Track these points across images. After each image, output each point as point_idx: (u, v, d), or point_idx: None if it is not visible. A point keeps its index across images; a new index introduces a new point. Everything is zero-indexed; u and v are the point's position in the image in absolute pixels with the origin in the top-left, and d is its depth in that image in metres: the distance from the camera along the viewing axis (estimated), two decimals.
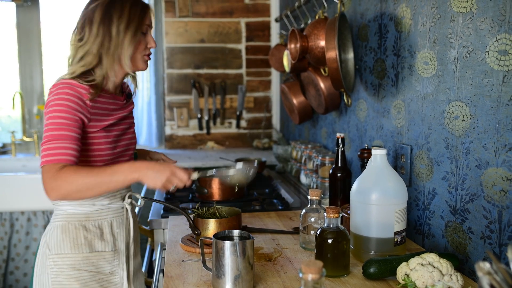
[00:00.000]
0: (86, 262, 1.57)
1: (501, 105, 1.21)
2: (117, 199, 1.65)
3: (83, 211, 1.59)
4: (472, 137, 1.33)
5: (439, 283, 1.17)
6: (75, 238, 1.56)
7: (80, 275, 1.56)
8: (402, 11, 1.71)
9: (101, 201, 1.60)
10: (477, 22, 1.29)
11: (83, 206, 1.59)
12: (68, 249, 1.56)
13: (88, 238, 1.58)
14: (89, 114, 1.50)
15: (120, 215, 1.66)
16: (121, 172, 1.42)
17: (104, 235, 1.61)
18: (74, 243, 1.56)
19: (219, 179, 2.13)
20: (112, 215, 1.64)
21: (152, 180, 1.42)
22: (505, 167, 1.21)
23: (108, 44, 1.51)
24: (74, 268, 1.55)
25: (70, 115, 1.45)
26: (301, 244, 1.56)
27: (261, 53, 3.85)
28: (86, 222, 1.59)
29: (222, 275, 1.21)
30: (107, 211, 1.62)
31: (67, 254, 1.56)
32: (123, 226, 1.66)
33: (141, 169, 1.42)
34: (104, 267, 1.60)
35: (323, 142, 2.66)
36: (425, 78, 1.56)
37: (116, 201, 1.65)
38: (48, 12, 3.72)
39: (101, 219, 1.61)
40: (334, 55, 1.83)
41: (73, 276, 1.55)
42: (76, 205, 1.58)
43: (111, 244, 1.62)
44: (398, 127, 1.77)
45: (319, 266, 0.89)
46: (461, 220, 1.39)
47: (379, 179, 1.42)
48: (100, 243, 1.60)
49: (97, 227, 1.60)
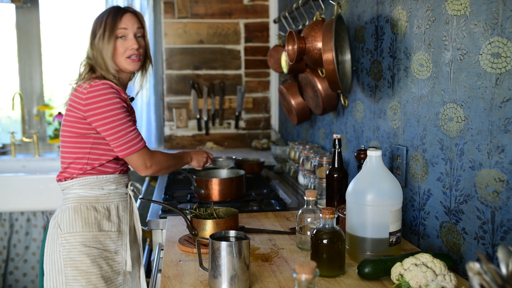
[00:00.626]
0: (95, 240, 1.76)
1: (494, 107, 1.22)
2: (122, 185, 1.87)
3: (93, 194, 1.80)
4: (466, 138, 1.34)
5: (432, 283, 1.18)
6: (86, 217, 1.76)
7: (90, 252, 1.74)
8: (398, 13, 1.72)
9: (109, 186, 1.82)
10: (471, 25, 1.30)
11: (94, 189, 1.80)
12: (80, 227, 1.74)
13: (98, 218, 1.77)
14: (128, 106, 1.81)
15: (125, 199, 1.88)
16: (184, 157, 2.00)
17: (111, 217, 1.81)
18: (86, 222, 1.75)
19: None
20: (118, 199, 1.85)
21: (197, 162, 2.05)
22: (497, 168, 1.22)
23: (96, 52, 1.79)
24: (84, 245, 1.73)
25: (125, 108, 1.75)
26: (297, 244, 1.58)
27: (260, 54, 3.86)
28: (96, 204, 1.79)
29: (218, 275, 1.22)
30: (114, 195, 1.84)
31: (78, 232, 1.74)
32: (127, 210, 1.87)
33: (192, 155, 2.04)
34: (110, 245, 1.79)
35: (321, 142, 2.68)
36: (420, 80, 1.58)
37: (121, 187, 1.87)
38: (48, 13, 3.74)
39: (109, 202, 1.82)
40: (330, 57, 1.84)
41: (84, 252, 1.73)
42: (88, 189, 1.79)
43: (116, 225, 1.82)
44: (394, 128, 1.78)
45: (313, 267, 0.90)
46: (456, 221, 1.40)
47: (374, 180, 1.44)
48: (108, 223, 1.80)
49: (106, 209, 1.81)
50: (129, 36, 1.81)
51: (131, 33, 1.81)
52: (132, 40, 1.81)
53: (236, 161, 2.87)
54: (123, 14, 1.81)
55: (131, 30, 1.81)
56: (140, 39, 1.85)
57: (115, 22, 1.79)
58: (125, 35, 1.81)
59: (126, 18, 1.81)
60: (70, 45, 3.83)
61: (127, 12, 1.83)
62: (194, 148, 3.87)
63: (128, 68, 1.84)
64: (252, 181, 2.71)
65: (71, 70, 3.88)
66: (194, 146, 3.87)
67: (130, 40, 1.81)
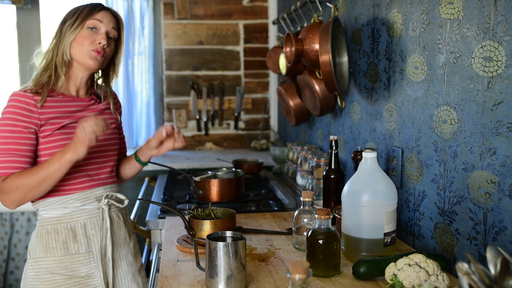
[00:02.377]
0: (59, 265, 1.61)
1: (486, 110, 1.24)
2: (91, 200, 1.69)
3: (55, 214, 1.64)
4: (459, 140, 1.36)
5: (425, 283, 1.20)
6: (46, 242, 1.62)
7: (53, 279, 1.61)
8: (393, 16, 1.74)
9: (73, 204, 1.65)
10: (464, 29, 1.32)
11: (56, 209, 1.64)
12: (41, 253, 1.62)
13: (59, 241, 1.62)
14: (39, 120, 1.57)
15: (96, 216, 1.69)
16: (54, 159, 1.50)
17: (77, 237, 1.64)
18: (46, 247, 1.62)
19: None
20: (85, 217, 1.67)
21: (79, 147, 1.47)
22: (489, 170, 1.24)
23: (57, 40, 1.65)
24: (47, 271, 1.61)
25: (14, 127, 1.54)
26: (294, 245, 1.60)
27: (259, 55, 3.88)
28: (58, 225, 1.64)
29: (215, 275, 1.24)
30: (79, 212, 1.66)
31: (40, 258, 1.62)
32: (99, 227, 1.68)
33: (67, 147, 1.50)
34: (79, 269, 1.64)
35: (319, 143, 2.70)
36: (415, 82, 1.60)
37: (90, 203, 1.68)
38: (48, 14, 3.76)
39: (73, 221, 1.65)
40: (327, 59, 1.86)
41: (46, 279, 1.61)
42: (50, 209, 1.64)
43: (85, 246, 1.65)
44: (390, 130, 1.80)
45: (306, 267, 0.92)
46: (449, 222, 1.42)
47: (369, 181, 1.46)
48: (74, 245, 1.63)
49: (70, 229, 1.64)
50: (101, 31, 1.65)
51: (104, 29, 1.65)
52: (103, 35, 1.64)
53: (235, 162, 2.89)
54: (102, 9, 1.69)
55: (104, 26, 1.66)
56: (110, 41, 1.68)
57: (91, 12, 1.65)
58: (96, 27, 1.65)
59: (104, 14, 1.68)
60: None
61: (108, 10, 1.70)
62: (193, 149, 3.88)
63: (86, 62, 1.64)
64: (251, 182, 2.73)
65: None
66: (194, 147, 3.89)
67: (100, 34, 1.65)
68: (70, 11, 1.69)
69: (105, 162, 1.76)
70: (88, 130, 1.45)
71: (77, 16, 1.64)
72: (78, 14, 1.65)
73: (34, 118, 1.57)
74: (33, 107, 1.57)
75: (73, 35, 1.63)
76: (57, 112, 1.62)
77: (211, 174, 2.40)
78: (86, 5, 1.68)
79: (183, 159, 3.45)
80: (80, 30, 1.63)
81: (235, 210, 1.69)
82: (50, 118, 1.60)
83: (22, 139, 1.55)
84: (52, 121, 1.60)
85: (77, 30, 1.63)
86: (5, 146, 1.54)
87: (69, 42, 1.63)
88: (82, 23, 1.64)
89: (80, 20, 1.64)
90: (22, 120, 1.55)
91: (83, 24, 1.64)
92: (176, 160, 3.38)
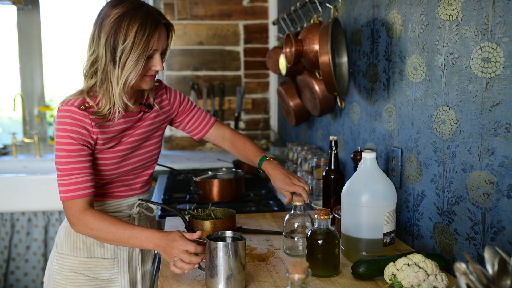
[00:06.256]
0: (83, 266, 1.61)
1: (484, 110, 1.25)
2: (123, 208, 1.67)
3: None
4: (458, 141, 1.37)
5: (424, 283, 1.21)
6: (74, 242, 1.62)
7: (76, 278, 1.61)
8: (393, 17, 1.75)
9: (105, 210, 1.63)
10: (462, 30, 1.33)
11: None
12: (68, 250, 1.62)
13: (87, 243, 1.61)
14: (94, 139, 1.50)
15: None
16: (139, 239, 1.41)
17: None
18: (73, 246, 1.61)
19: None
20: None
21: (161, 253, 1.39)
22: (488, 170, 1.25)
23: (113, 68, 1.44)
24: (71, 270, 1.61)
25: (74, 146, 1.46)
26: (284, 250, 1.55)
27: (259, 55, 3.89)
28: None
29: (215, 274, 1.25)
30: None
31: (67, 255, 1.62)
32: None
33: (156, 236, 1.39)
34: (101, 273, 1.63)
35: (319, 144, 2.71)
36: (414, 83, 1.60)
37: (122, 210, 1.67)
38: (49, 14, 3.77)
39: None
40: (327, 60, 1.87)
41: (69, 277, 1.61)
42: None
43: (111, 252, 1.63)
44: (389, 130, 1.81)
45: (305, 266, 0.93)
46: (448, 222, 1.43)
47: (368, 181, 1.46)
48: (100, 249, 1.62)
49: None
50: (156, 56, 1.49)
51: (159, 53, 1.50)
52: (158, 60, 1.49)
53: (235, 162, 2.90)
54: (156, 30, 1.46)
55: (160, 48, 1.49)
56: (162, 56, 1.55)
57: (150, 40, 1.44)
58: (153, 56, 1.49)
59: (160, 34, 1.47)
60: (70, 46, 3.87)
61: (161, 25, 1.48)
62: (194, 149, 3.89)
63: (140, 86, 1.53)
64: (251, 182, 2.74)
65: (72, 71, 3.91)
66: (194, 147, 3.89)
67: (155, 60, 1.49)
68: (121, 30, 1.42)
69: (142, 172, 1.71)
70: (178, 266, 1.33)
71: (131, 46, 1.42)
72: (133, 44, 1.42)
73: (89, 137, 1.49)
74: (89, 126, 1.49)
75: (133, 74, 1.45)
76: (109, 132, 1.54)
77: (211, 175, 2.40)
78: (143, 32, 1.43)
79: (183, 159, 3.45)
80: (142, 64, 1.45)
81: (235, 210, 1.70)
82: (103, 138, 1.53)
83: (83, 156, 1.48)
84: (103, 141, 1.53)
85: (138, 67, 1.44)
86: (70, 166, 1.46)
87: (131, 80, 1.46)
88: (139, 58, 1.43)
89: (137, 55, 1.42)
90: (78, 138, 1.47)
91: (144, 57, 1.45)
92: (176, 160, 3.39)
